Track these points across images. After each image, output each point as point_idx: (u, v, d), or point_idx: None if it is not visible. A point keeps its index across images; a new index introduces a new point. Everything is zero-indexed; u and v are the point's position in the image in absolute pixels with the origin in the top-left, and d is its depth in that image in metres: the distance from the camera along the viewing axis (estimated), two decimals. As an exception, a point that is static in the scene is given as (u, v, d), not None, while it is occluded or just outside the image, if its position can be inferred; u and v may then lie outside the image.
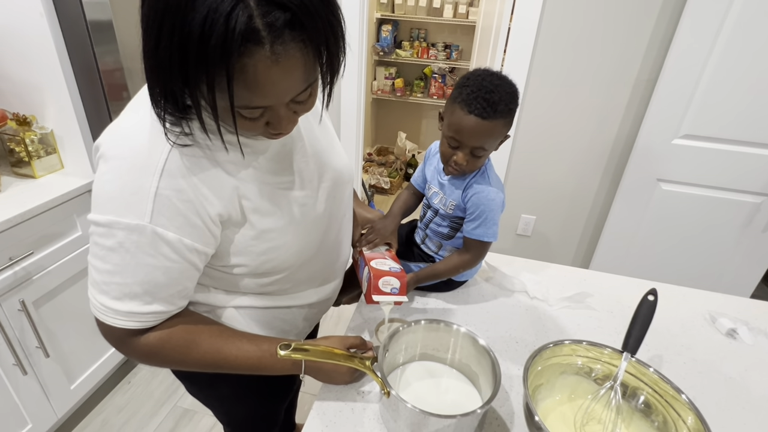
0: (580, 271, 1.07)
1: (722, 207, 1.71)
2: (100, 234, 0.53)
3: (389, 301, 0.75)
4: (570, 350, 0.67)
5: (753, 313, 0.93)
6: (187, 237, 0.54)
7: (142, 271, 0.54)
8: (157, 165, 0.52)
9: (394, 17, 3.15)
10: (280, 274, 0.68)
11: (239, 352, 0.63)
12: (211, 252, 0.59)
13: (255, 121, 0.49)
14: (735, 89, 1.52)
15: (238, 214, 0.58)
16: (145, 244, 0.52)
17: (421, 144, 3.64)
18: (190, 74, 0.43)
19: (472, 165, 0.79)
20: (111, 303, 0.55)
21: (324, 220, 0.71)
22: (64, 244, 1.25)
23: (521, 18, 1.73)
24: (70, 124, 1.29)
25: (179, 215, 0.53)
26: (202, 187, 0.54)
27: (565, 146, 1.90)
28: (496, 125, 0.74)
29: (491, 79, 0.74)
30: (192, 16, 0.39)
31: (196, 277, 0.60)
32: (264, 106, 0.48)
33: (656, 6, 1.58)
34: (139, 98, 0.56)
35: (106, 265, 0.53)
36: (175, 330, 0.60)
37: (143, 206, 0.51)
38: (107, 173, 0.53)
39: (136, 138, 0.53)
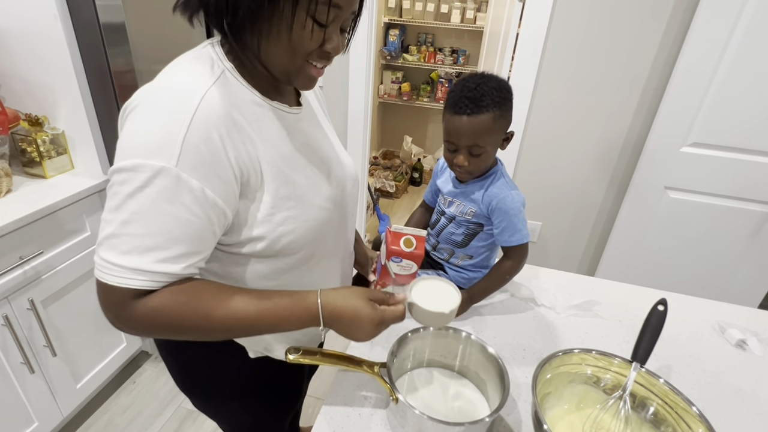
0: (588, 278, 1.07)
1: (730, 216, 1.70)
2: (121, 181, 0.52)
3: None
4: (579, 359, 0.67)
5: (763, 324, 0.93)
6: (209, 188, 0.54)
7: (158, 220, 0.52)
8: (188, 111, 0.53)
9: (401, 22, 3.16)
10: (296, 254, 0.68)
11: (249, 302, 0.59)
12: (230, 214, 0.58)
13: (321, 29, 0.57)
14: (744, 98, 1.52)
15: (257, 177, 0.59)
16: (166, 189, 0.52)
17: (426, 148, 3.64)
18: None
19: (475, 165, 0.80)
20: (118, 258, 0.52)
21: (336, 204, 0.72)
22: (73, 243, 1.26)
23: (530, 24, 1.73)
24: (81, 125, 1.30)
25: (205, 164, 0.53)
26: (228, 141, 0.55)
27: (571, 152, 1.89)
28: (485, 120, 0.76)
29: (473, 79, 0.78)
30: None
31: (210, 242, 0.58)
32: (343, 8, 0.57)
33: (666, 13, 1.57)
34: (167, 68, 0.60)
35: (120, 215, 0.52)
36: (180, 286, 0.57)
37: (171, 149, 0.51)
38: (136, 120, 0.54)
39: (168, 87, 0.56)
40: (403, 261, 0.72)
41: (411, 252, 0.71)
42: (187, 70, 0.59)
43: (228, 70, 0.59)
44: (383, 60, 3.28)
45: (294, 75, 0.60)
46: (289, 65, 0.59)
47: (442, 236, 0.91)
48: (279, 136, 0.63)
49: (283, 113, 0.64)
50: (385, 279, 0.78)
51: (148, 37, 1.29)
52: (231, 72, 0.59)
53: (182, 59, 0.61)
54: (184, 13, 0.59)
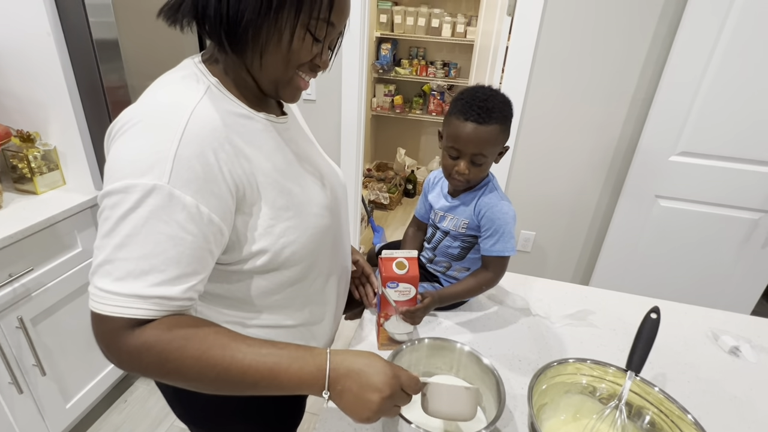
0: (582, 287, 1.07)
1: (721, 223, 1.72)
2: (112, 205, 0.51)
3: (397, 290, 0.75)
4: (574, 369, 0.67)
5: (755, 331, 0.93)
6: (204, 204, 0.53)
7: (152, 241, 0.50)
8: (178, 127, 0.52)
9: (393, 36, 3.20)
10: (298, 265, 0.67)
11: (249, 352, 0.53)
12: (227, 231, 0.57)
13: (317, 44, 0.59)
14: (729, 107, 1.55)
15: (253, 190, 0.59)
16: (159, 208, 0.50)
17: (420, 160, 3.67)
18: None
19: (474, 174, 0.81)
20: (112, 285, 0.50)
21: (331, 211, 0.72)
22: (64, 260, 1.25)
23: (519, 37, 1.76)
24: (73, 140, 1.30)
25: (198, 179, 0.52)
26: (222, 155, 0.55)
27: (563, 163, 1.91)
28: (492, 131, 0.77)
29: (483, 90, 0.80)
30: None
31: (208, 262, 0.56)
32: (336, 26, 0.59)
33: (651, 25, 1.61)
34: (151, 87, 0.59)
35: (113, 239, 0.50)
36: (179, 319, 0.54)
37: (162, 166, 0.50)
38: (124, 141, 0.53)
39: (155, 105, 0.56)
40: (399, 285, 0.72)
41: (405, 274, 0.72)
42: (172, 87, 0.59)
43: (213, 85, 0.59)
44: (376, 73, 3.32)
45: (283, 86, 0.62)
46: (281, 76, 0.60)
47: (438, 250, 0.92)
48: (271, 147, 0.63)
49: (272, 124, 0.65)
50: (386, 310, 0.77)
51: (141, 52, 1.30)
52: (217, 87, 0.59)
53: (166, 78, 0.61)
54: (171, 21, 0.58)
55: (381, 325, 0.79)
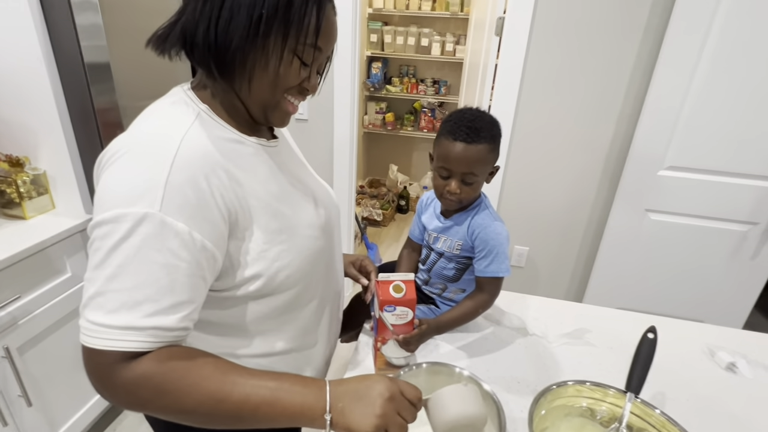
0: (577, 305, 1.07)
1: (710, 236, 1.74)
2: (102, 235, 0.50)
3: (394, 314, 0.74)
4: (574, 391, 0.67)
5: (750, 346, 0.94)
6: (196, 230, 0.52)
7: (145, 270, 0.50)
8: (169, 154, 0.52)
9: (383, 55, 3.25)
10: (292, 288, 0.66)
11: (248, 381, 0.52)
12: (220, 257, 0.56)
13: (305, 68, 0.60)
14: (714, 122, 1.59)
15: (245, 214, 0.58)
16: (151, 236, 0.50)
17: (412, 176, 3.68)
18: (277, 24, 0.55)
19: (466, 193, 0.81)
20: (105, 318, 0.49)
21: (324, 232, 0.71)
22: (52, 286, 1.22)
23: (507, 56, 1.80)
24: (63, 164, 1.29)
25: (191, 205, 0.52)
26: (214, 180, 0.55)
27: (554, 179, 1.94)
28: (482, 150, 0.79)
29: (471, 112, 0.82)
30: None
31: (202, 290, 0.55)
32: (323, 50, 0.61)
33: (635, 42, 1.66)
34: (141, 116, 0.60)
35: (104, 271, 0.49)
36: (173, 350, 0.53)
37: (154, 194, 0.50)
38: (114, 170, 0.52)
39: (145, 133, 0.56)
40: (396, 309, 0.72)
41: (402, 298, 0.71)
42: (161, 115, 0.59)
43: (204, 112, 0.59)
44: (367, 91, 3.35)
45: (271, 110, 0.62)
46: (269, 100, 0.60)
47: (433, 272, 0.91)
48: (262, 171, 0.63)
49: (263, 147, 0.65)
50: (383, 334, 0.77)
51: (132, 74, 1.30)
52: (207, 113, 0.60)
53: (155, 106, 0.61)
54: (160, 51, 0.59)
55: (378, 350, 0.78)
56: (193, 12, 0.56)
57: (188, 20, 0.56)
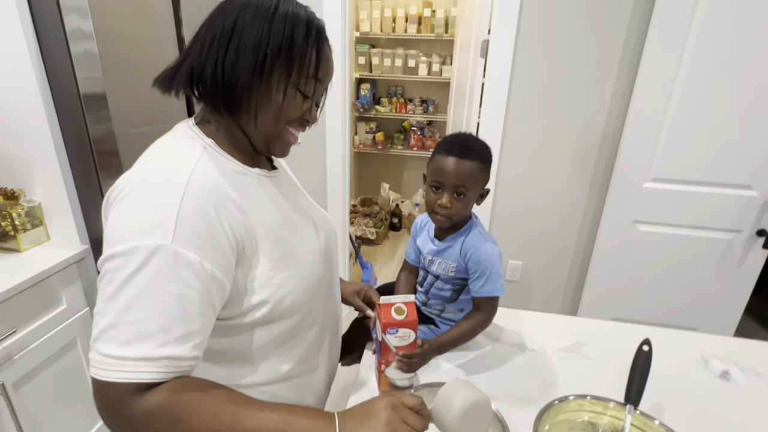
0: (573, 318, 1.10)
1: (697, 245, 1.79)
2: (115, 268, 0.51)
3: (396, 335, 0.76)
4: (576, 405, 0.68)
5: (742, 353, 0.96)
6: (207, 260, 0.54)
7: (158, 301, 0.51)
8: (179, 188, 0.54)
9: (372, 77, 3.32)
10: (296, 314, 0.68)
11: (261, 413, 0.53)
12: (228, 285, 0.58)
13: (306, 101, 0.63)
14: (694, 135, 1.64)
15: (252, 243, 0.60)
16: (164, 267, 0.51)
17: (403, 193, 3.72)
18: (281, 62, 0.59)
19: (457, 209, 0.84)
20: (118, 350, 0.49)
21: (325, 258, 0.73)
22: (48, 318, 1.21)
23: (493, 76, 1.86)
24: (58, 195, 1.29)
25: (201, 236, 0.54)
26: (222, 211, 0.57)
27: (544, 193, 1.98)
28: (473, 166, 0.82)
29: (464, 134, 0.87)
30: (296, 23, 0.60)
31: (211, 318, 0.57)
32: (323, 83, 0.65)
33: (615, 61, 1.73)
34: (147, 152, 0.62)
35: (117, 303, 0.50)
36: (186, 381, 0.54)
37: (166, 226, 0.51)
38: (126, 205, 0.54)
39: (154, 168, 0.58)
40: (399, 331, 0.73)
41: (404, 320, 0.73)
42: (169, 150, 0.61)
43: (209, 146, 0.62)
44: (357, 112, 3.41)
45: (273, 141, 0.65)
46: (272, 132, 0.63)
47: (431, 293, 0.93)
48: (266, 200, 0.66)
49: (265, 178, 0.68)
50: (387, 356, 0.78)
51: (128, 103, 1.31)
52: (212, 147, 0.62)
53: (161, 142, 0.64)
54: (166, 89, 0.62)
55: (382, 372, 0.79)
56: (200, 54, 0.59)
57: (195, 61, 0.60)
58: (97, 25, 1.15)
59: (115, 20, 1.22)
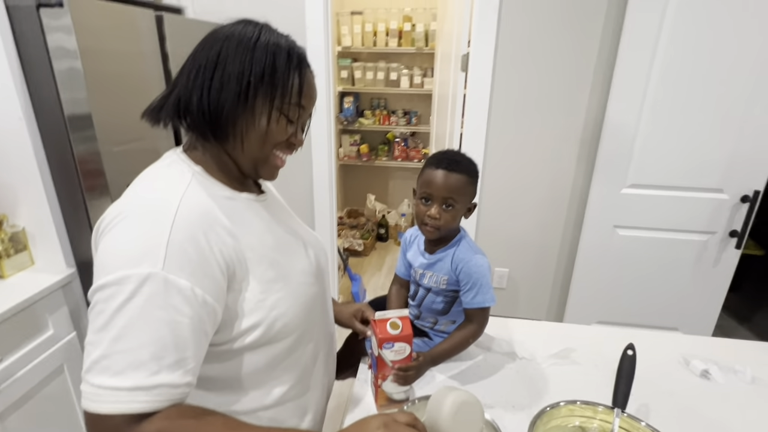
0: (561, 325, 1.13)
1: (675, 247, 1.86)
2: (106, 298, 0.51)
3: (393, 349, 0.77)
4: (567, 411, 0.71)
5: (720, 353, 1.01)
6: (198, 286, 0.54)
7: (150, 329, 0.51)
8: (169, 215, 0.55)
9: (355, 90, 3.36)
10: (290, 336, 0.68)
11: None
12: (220, 311, 0.58)
13: (291, 125, 0.65)
14: (667, 142, 1.72)
15: (242, 266, 0.61)
16: (156, 295, 0.51)
17: (389, 204, 3.75)
18: (264, 89, 0.61)
19: (445, 220, 0.87)
20: (111, 381, 0.49)
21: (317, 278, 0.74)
22: (34, 345, 1.19)
23: (474, 90, 1.91)
24: (43, 219, 1.27)
25: (192, 262, 0.54)
26: (213, 237, 0.58)
27: (527, 201, 2.03)
28: (461, 179, 0.85)
29: (452, 150, 0.90)
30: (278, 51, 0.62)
31: (203, 344, 0.57)
32: (306, 108, 0.66)
33: (590, 72, 1.80)
34: (137, 181, 0.62)
35: (109, 333, 0.50)
36: (182, 408, 0.54)
37: (156, 253, 0.52)
38: (115, 235, 0.54)
39: (143, 197, 0.59)
40: (395, 345, 0.75)
41: (400, 334, 0.75)
42: (158, 178, 0.62)
43: (198, 173, 0.63)
44: (341, 125, 3.44)
45: (261, 165, 0.67)
46: (259, 156, 0.65)
47: (423, 306, 0.95)
48: (255, 223, 0.67)
49: (254, 202, 0.69)
50: (383, 371, 0.79)
51: (113, 120, 1.29)
52: (201, 174, 0.63)
53: (150, 170, 0.65)
54: (155, 121, 0.64)
55: (379, 387, 0.80)
56: (186, 85, 0.61)
57: (181, 92, 0.61)
58: (80, 43, 1.14)
59: (98, 37, 1.22)
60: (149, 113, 0.64)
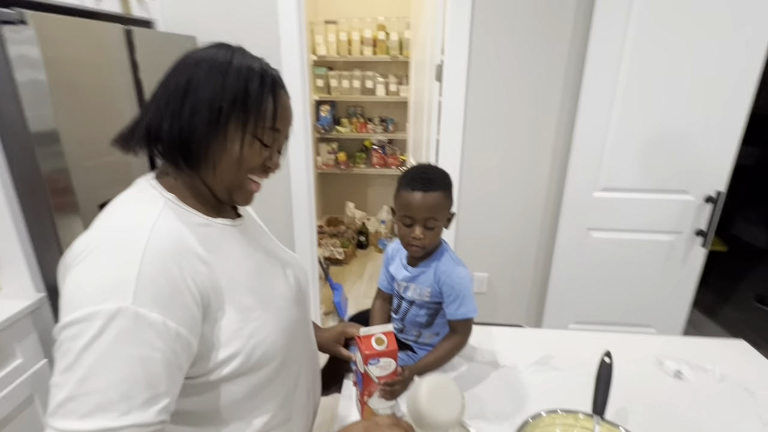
0: (539, 331, 1.16)
1: (645, 247, 1.93)
2: (73, 336, 0.48)
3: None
4: (549, 420, 0.73)
5: (691, 352, 1.05)
6: (171, 319, 0.52)
7: (119, 367, 0.48)
8: (139, 247, 0.52)
9: (331, 98, 3.36)
10: (270, 363, 0.66)
11: None
12: (195, 342, 0.56)
13: (266, 149, 0.64)
14: (633, 147, 1.79)
15: (218, 295, 0.59)
16: (125, 331, 0.49)
17: (369, 211, 3.75)
18: (236, 114, 0.60)
19: (429, 238, 0.88)
20: (77, 424, 0.46)
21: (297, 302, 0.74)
22: (2, 375, 1.13)
23: (449, 99, 1.94)
24: (8, 242, 1.22)
25: (164, 294, 0.52)
26: (185, 266, 0.56)
27: (503, 207, 2.07)
28: (438, 196, 0.86)
29: (423, 166, 0.91)
30: (250, 74, 0.61)
31: (178, 379, 0.55)
32: (282, 131, 0.66)
33: (559, 81, 1.86)
34: (106, 212, 0.60)
35: (75, 373, 0.47)
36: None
37: (125, 288, 0.50)
38: (83, 269, 0.52)
39: (112, 228, 0.56)
40: (380, 361, 0.75)
41: (385, 350, 0.75)
42: (128, 207, 0.60)
43: (170, 200, 0.61)
44: (318, 134, 3.42)
45: (235, 191, 0.65)
46: (233, 181, 0.64)
47: (407, 320, 0.96)
48: (232, 250, 0.65)
49: (230, 227, 0.68)
50: (369, 387, 0.79)
51: (81, 134, 1.24)
52: (174, 201, 0.62)
53: (120, 199, 0.62)
54: (126, 149, 0.62)
55: (365, 403, 0.80)
56: (156, 112, 0.60)
57: (152, 119, 0.60)
58: (45, 54, 1.10)
59: (63, 50, 1.18)
60: (119, 141, 0.63)
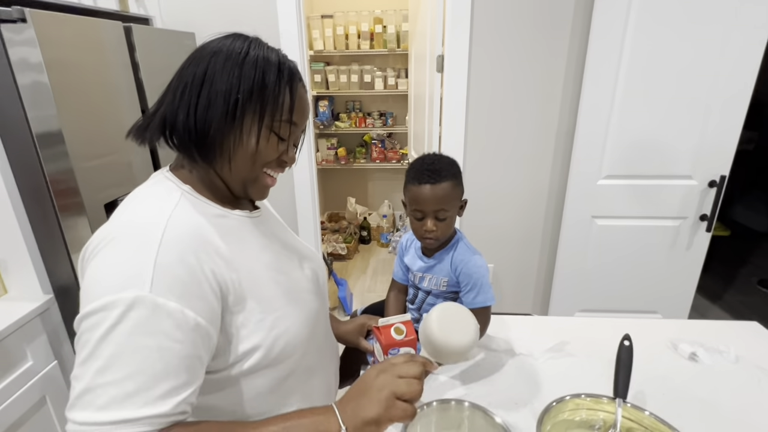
0: (553, 319, 1.16)
1: (650, 233, 1.93)
2: (91, 326, 0.48)
3: None
4: (573, 405, 0.72)
5: (705, 334, 1.05)
6: (189, 308, 0.52)
7: (138, 357, 0.48)
8: (156, 236, 0.52)
9: (329, 94, 3.34)
10: (293, 356, 0.66)
11: (261, 429, 0.53)
12: (215, 334, 0.56)
13: (282, 142, 0.63)
14: (637, 133, 1.79)
15: (237, 287, 0.59)
16: (143, 320, 0.49)
17: (370, 206, 3.75)
18: (252, 106, 0.59)
19: (442, 230, 0.87)
20: (96, 415, 0.47)
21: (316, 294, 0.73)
22: (14, 378, 1.12)
23: (451, 91, 1.93)
24: (15, 245, 1.20)
25: (182, 283, 0.52)
26: (203, 256, 0.55)
27: (507, 197, 2.07)
28: (446, 187, 0.85)
29: (429, 157, 0.89)
30: (267, 66, 0.60)
31: (198, 371, 0.54)
32: (298, 125, 0.64)
33: (561, 69, 1.85)
34: (123, 204, 0.60)
35: (93, 364, 0.47)
36: (173, 428, 0.51)
37: (143, 276, 0.50)
38: (100, 260, 0.52)
39: (130, 219, 0.56)
40: (400, 350, 0.75)
41: (404, 339, 0.75)
42: (145, 200, 0.60)
43: (187, 192, 0.61)
44: (317, 129, 3.40)
45: (250, 185, 0.64)
46: (248, 175, 0.63)
47: (423, 309, 0.96)
48: (250, 241, 0.65)
49: (247, 219, 0.67)
50: None
51: (85, 134, 1.24)
52: (190, 193, 0.61)
53: (137, 192, 0.62)
54: (140, 140, 0.62)
55: None
56: (172, 103, 0.59)
57: (167, 111, 0.59)
58: (45, 56, 1.09)
59: (64, 50, 1.16)
60: (135, 132, 0.62)
